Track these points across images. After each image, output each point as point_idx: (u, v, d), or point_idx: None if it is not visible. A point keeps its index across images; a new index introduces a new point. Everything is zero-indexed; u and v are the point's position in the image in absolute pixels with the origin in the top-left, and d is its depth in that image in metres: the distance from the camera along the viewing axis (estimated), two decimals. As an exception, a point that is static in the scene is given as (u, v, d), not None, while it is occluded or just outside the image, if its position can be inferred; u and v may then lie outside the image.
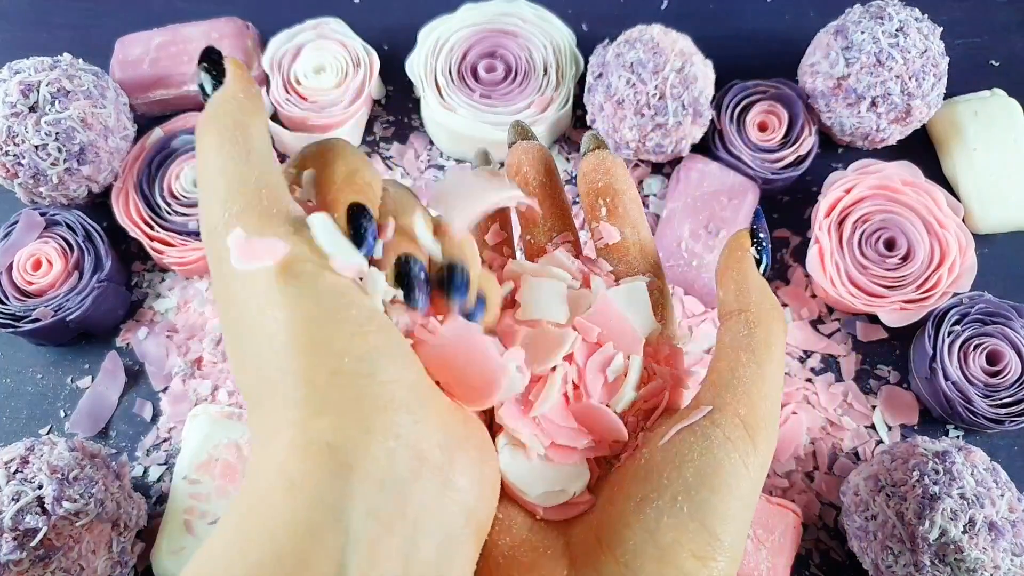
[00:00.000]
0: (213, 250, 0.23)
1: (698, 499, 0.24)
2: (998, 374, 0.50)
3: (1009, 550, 0.41)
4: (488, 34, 0.60)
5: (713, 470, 0.24)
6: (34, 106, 0.51)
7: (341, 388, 0.21)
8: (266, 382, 0.22)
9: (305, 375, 0.21)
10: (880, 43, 0.53)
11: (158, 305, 0.56)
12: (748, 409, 0.25)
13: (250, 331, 0.22)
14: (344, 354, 0.22)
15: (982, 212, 0.56)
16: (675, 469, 0.24)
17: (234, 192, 0.22)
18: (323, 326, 0.22)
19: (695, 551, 0.23)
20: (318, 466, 0.20)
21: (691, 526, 0.23)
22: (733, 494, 0.24)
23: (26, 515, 0.40)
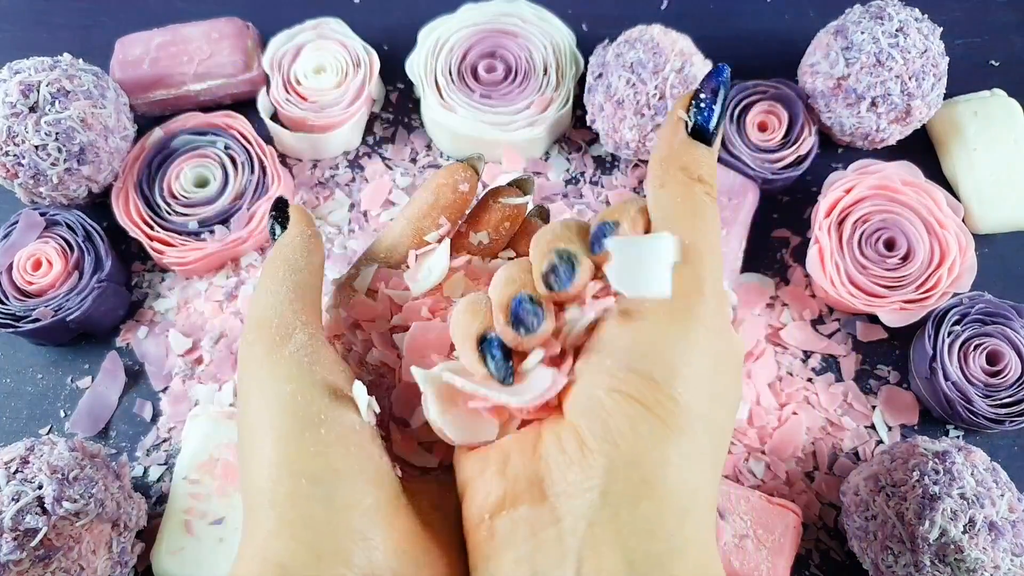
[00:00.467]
0: (241, 362, 0.26)
1: (626, 354, 0.24)
2: (998, 374, 0.50)
3: (1009, 550, 0.41)
4: (488, 34, 0.60)
5: (636, 328, 0.24)
6: (34, 106, 0.51)
7: (297, 510, 0.23)
8: (250, 487, 0.24)
9: (270, 492, 0.23)
10: (880, 43, 0.53)
11: (158, 305, 0.56)
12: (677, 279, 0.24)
13: (249, 440, 0.25)
14: (302, 475, 0.23)
15: (982, 212, 0.57)
16: (606, 337, 0.24)
17: (254, 321, 0.27)
18: (288, 444, 0.24)
19: (635, 394, 0.23)
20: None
21: (625, 375, 0.23)
22: (664, 347, 0.23)
23: (26, 515, 0.40)
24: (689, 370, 0.23)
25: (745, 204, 0.56)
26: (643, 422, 0.22)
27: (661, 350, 0.23)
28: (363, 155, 0.61)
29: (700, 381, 0.23)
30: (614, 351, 0.24)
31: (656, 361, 0.23)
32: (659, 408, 0.23)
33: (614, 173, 0.60)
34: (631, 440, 0.22)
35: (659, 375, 0.23)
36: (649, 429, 0.22)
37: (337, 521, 0.23)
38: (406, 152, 0.61)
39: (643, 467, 0.22)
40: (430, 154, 0.61)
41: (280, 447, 0.23)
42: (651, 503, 0.22)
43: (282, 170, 0.57)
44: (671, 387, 0.23)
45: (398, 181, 0.59)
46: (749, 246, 0.57)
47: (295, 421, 0.24)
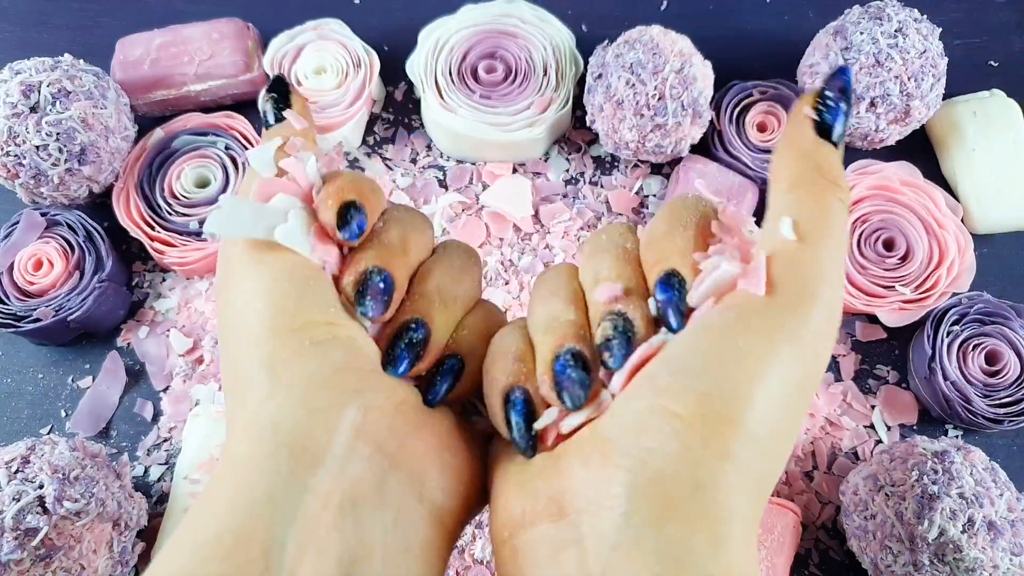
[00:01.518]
0: (222, 252, 0.25)
1: (680, 364, 0.21)
2: (997, 374, 0.50)
3: (1008, 549, 0.41)
4: (488, 35, 0.60)
5: (710, 342, 0.21)
6: (35, 106, 0.51)
7: (293, 369, 0.22)
8: (240, 373, 0.23)
9: (267, 358, 0.22)
10: (879, 44, 0.53)
11: (159, 305, 0.56)
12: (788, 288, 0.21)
13: (236, 326, 0.23)
14: (306, 337, 0.22)
15: (981, 212, 0.57)
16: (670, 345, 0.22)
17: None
18: (292, 313, 0.23)
19: (675, 408, 0.20)
20: (260, 446, 0.21)
21: (672, 386, 0.21)
22: (738, 365, 0.20)
23: (27, 515, 0.40)
24: (763, 397, 0.20)
25: (744, 204, 0.56)
26: (675, 439, 0.20)
27: (733, 366, 0.20)
28: (363, 155, 0.61)
29: (771, 410, 0.21)
30: (672, 360, 0.22)
31: (723, 378, 0.20)
32: (705, 427, 0.20)
33: (614, 173, 0.60)
34: (659, 457, 0.20)
35: (720, 393, 0.20)
36: (682, 448, 0.20)
37: (334, 377, 0.22)
38: (406, 152, 0.61)
39: (669, 486, 0.20)
40: (430, 154, 0.61)
41: (282, 315, 0.23)
42: (677, 527, 0.20)
43: (282, 170, 0.57)
44: (732, 408, 0.20)
45: (398, 181, 0.60)
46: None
47: (299, 291, 0.23)
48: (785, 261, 0.21)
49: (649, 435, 0.21)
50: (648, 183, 0.60)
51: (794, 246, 0.21)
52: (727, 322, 0.21)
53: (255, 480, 0.21)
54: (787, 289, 0.21)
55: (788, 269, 0.21)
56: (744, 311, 0.21)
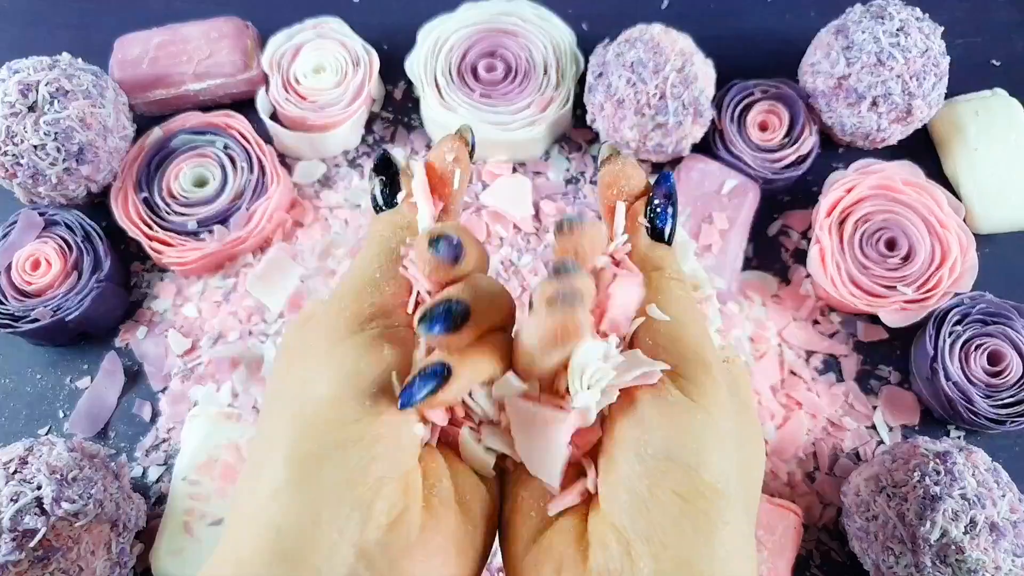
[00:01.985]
0: (327, 328, 0.25)
1: (659, 444, 0.24)
2: (999, 374, 0.50)
3: (1010, 551, 0.41)
4: (488, 34, 0.60)
5: (662, 415, 0.24)
6: (33, 106, 0.51)
7: (311, 470, 0.23)
8: (262, 447, 0.24)
9: (291, 449, 0.23)
10: (881, 43, 0.53)
11: (157, 305, 0.56)
12: (677, 359, 0.25)
13: (283, 396, 0.24)
14: (332, 440, 0.23)
15: (983, 212, 0.56)
16: (630, 424, 0.24)
17: (355, 296, 0.26)
18: (332, 407, 0.23)
19: (676, 490, 0.23)
20: (261, 548, 0.22)
21: (662, 466, 0.23)
22: (693, 435, 0.24)
23: (25, 516, 0.40)
24: (717, 455, 0.24)
25: (746, 204, 0.55)
26: (686, 519, 0.23)
27: (693, 438, 0.24)
28: (363, 154, 0.61)
29: (729, 463, 0.24)
30: (652, 436, 0.24)
31: (691, 450, 0.23)
32: (701, 501, 0.23)
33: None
34: (677, 540, 0.22)
35: (695, 463, 0.23)
36: (693, 527, 0.23)
37: (343, 489, 0.22)
38: (406, 151, 0.61)
39: (693, 567, 0.22)
40: (430, 154, 0.61)
41: (323, 407, 0.23)
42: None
43: (281, 170, 0.57)
44: (709, 475, 0.23)
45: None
46: (750, 246, 0.57)
47: (352, 384, 0.24)
48: (669, 340, 0.25)
49: (659, 519, 0.23)
50: (649, 182, 0.59)
51: (667, 324, 0.25)
52: (684, 401, 0.24)
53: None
54: (683, 361, 0.25)
55: (674, 345, 0.25)
56: (667, 397, 0.24)
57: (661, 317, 0.26)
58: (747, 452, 0.25)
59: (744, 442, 0.25)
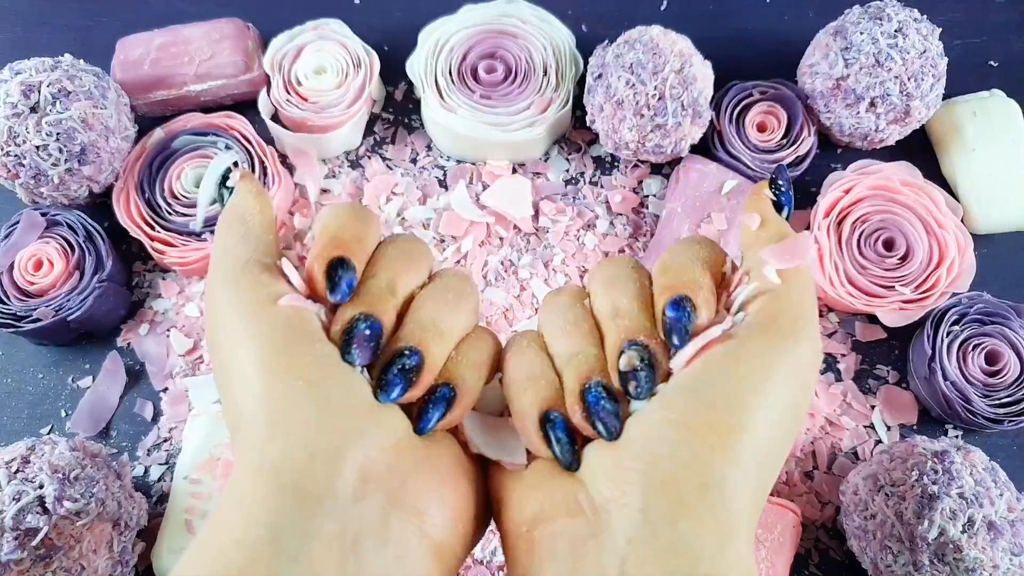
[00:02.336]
0: (208, 304, 0.26)
1: (706, 382, 0.24)
2: (997, 374, 0.50)
3: (1008, 549, 0.41)
4: (488, 35, 0.60)
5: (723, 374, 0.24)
6: (35, 106, 0.51)
7: (291, 411, 0.23)
8: (239, 411, 0.24)
9: (264, 400, 0.23)
10: (879, 44, 0.53)
11: (158, 305, 0.56)
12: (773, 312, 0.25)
13: (229, 367, 0.24)
14: (298, 378, 0.23)
15: (981, 212, 0.57)
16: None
17: (221, 262, 0.26)
18: (281, 353, 0.24)
19: (688, 420, 0.23)
20: (263, 486, 0.22)
21: (682, 401, 0.23)
22: (741, 381, 0.23)
23: (27, 515, 0.40)
24: (763, 411, 0.23)
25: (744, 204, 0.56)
26: (684, 446, 0.23)
27: (737, 384, 0.23)
28: (363, 155, 0.61)
29: (770, 424, 0.23)
30: (679, 379, 0.24)
31: (727, 393, 0.23)
32: (710, 434, 0.23)
33: (614, 173, 0.60)
34: (670, 461, 0.22)
35: (725, 405, 0.23)
36: (691, 453, 0.22)
37: (332, 419, 0.23)
38: (406, 153, 0.61)
39: (680, 487, 0.22)
40: (430, 155, 0.61)
41: (272, 355, 0.24)
42: (689, 523, 0.22)
43: (282, 171, 0.57)
44: (736, 418, 0.23)
45: (400, 182, 0.60)
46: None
47: (289, 333, 0.24)
48: (775, 301, 0.25)
49: (660, 443, 0.23)
50: (648, 183, 0.60)
51: (780, 288, 0.25)
52: (729, 349, 0.24)
53: (259, 518, 0.22)
54: (780, 323, 0.24)
55: (778, 306, 0.25)
56: (744, 340, 0.24)
57: (773, 281, 0.25)
58: (793, 418, 0.24)
59: (795, 409, 0.24)
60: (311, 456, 0.22)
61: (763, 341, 0.24)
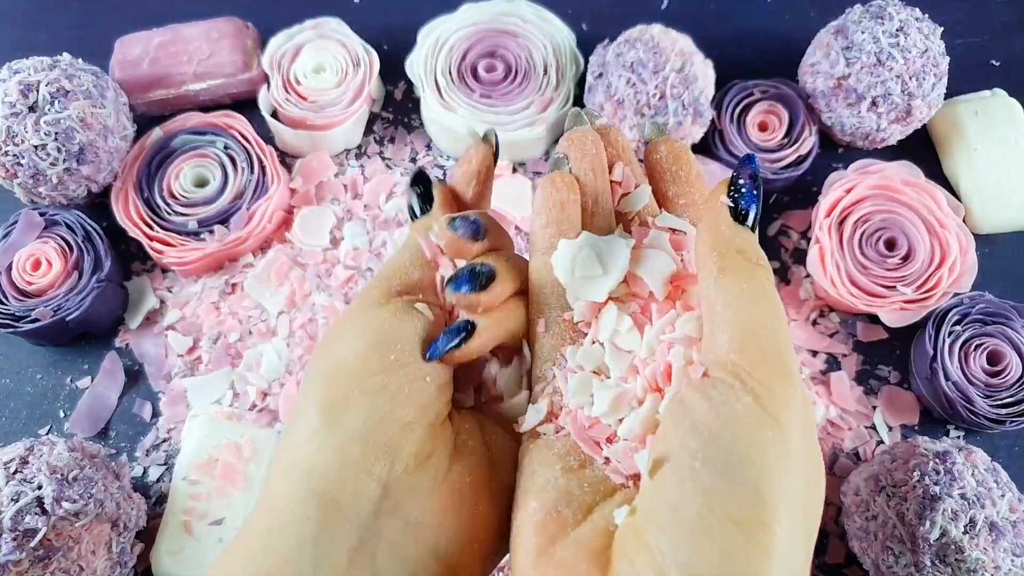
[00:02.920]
0: (359, 302, 0.27)
1: (719, 457, 0.20)
2: (999, 374, 0.50)
3: (1010, 550, 0.41)
4: (488, 34, 0.60)
5: (726, 426, 0.21)
6: (33, 106, 0.51)
7: (339, 415, 0.24)
8: (305, 394, 0.25)
9: (325, 393, 0.25)
10: (880, 43, 0.53)
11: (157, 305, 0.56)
12: (753, 360, 0.22)
13: (321, 361, 0.26)
14: (357, 386, 0.24)
15: (983, 212, 0.56)
16: (685, 431, 0.22)
17: (384, 277, 0.28)
18: (359, 358, 0.25)
19: (733, 515, 0.20)
20: (294, 490, 0.23)
21: (720, 485, 0.20)
22: (762, 451, 0.20)
23: (25, 515, 0.40)
24: (787, 478, 0.20)
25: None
26: (740, 553, 0.19)
27: (761, 455, 0.20)
28: (363, 155, 0.61)
29: (797, 488, 0.21)
30: (711, 449, 0.21)
31: (758, 469, 0.20)
32: (761, 532, 0.19)
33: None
34: (713, 569, 0.19)
35: (760, 486, 0.20)
36: (747, 562, 0.19)
37: (370, 431, 0.24)
38: (406, 152, 0.61)
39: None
40: (430, 154, 0.61)
41: (349, 359, 0.25)
42: None
43: (281, 170, 0.57)
44: (773, 501, 0.20)
45: (399, 181, 0.59)
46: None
47: (374, 341, 0.25)
48: (748, 337, 0.22)
49: (707, 548, 0.20)
50: (649, 183, 0.59)
51: (747, 319, 0.22)
52: (746, 406, 0.21)
53: (286, 524, 0.23)
54: (759, 362, 0.22)
55: (753, 343, 0.22)
56: (734, 404, 0.21)
57: (715, 297, 0.23)
58: (812, 479, 0.22)
59: (812, 467, 0.22)
60: (343, 464, 0.23)
61: (757, 401, 0.21)
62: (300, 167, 0.59)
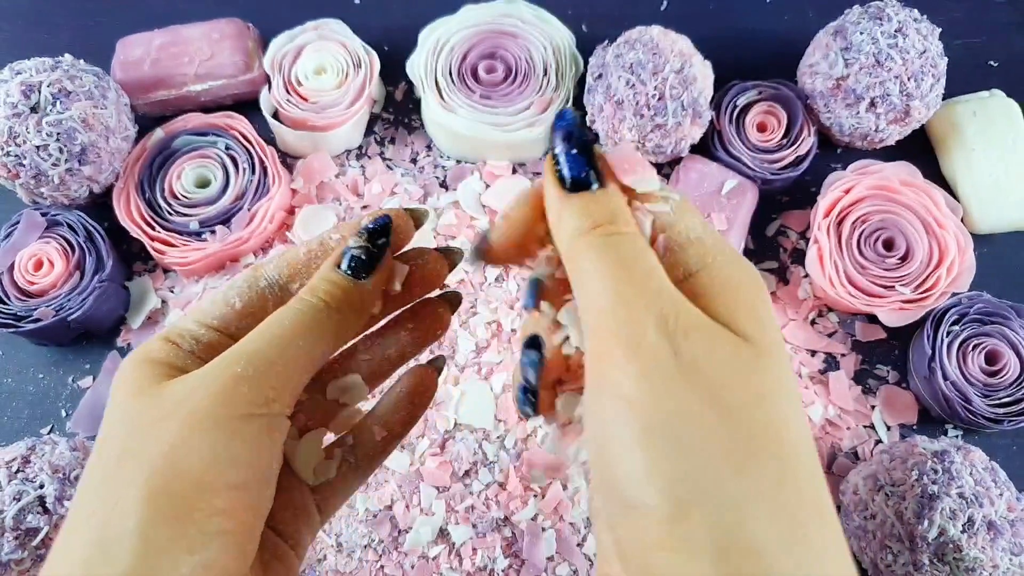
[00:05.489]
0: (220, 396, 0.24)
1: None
2: (997, 374, 0.50)
3: (1008, 549, 0.41)
4: (488, 35, 0.60)
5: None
6: (35, 107, 0.51)
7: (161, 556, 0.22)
8: (101, 480, 0.24)
9: (145, 526, 0.22)
10: (879, 44, 0.53)
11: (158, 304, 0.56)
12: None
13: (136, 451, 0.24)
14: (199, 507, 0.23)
15: (981, 212, 0.57)
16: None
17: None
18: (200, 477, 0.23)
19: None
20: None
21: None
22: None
23: (28, 515, 0.40)
24: (793, 409, 0.21)
25: (744, 204, 0.56)
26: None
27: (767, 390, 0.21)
28: (364, 155, 0.61)
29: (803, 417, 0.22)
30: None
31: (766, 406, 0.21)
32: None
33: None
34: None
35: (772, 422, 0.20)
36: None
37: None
38: (406, 152, 0.61)
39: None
40: (430, 155, 0.61)
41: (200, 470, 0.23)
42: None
43: (283, 170, 0.57)
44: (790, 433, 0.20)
45: (400, 181, 0.60)
46: (748, 246, 0.57)
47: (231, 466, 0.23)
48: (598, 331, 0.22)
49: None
50: (648, 183, 0.60)
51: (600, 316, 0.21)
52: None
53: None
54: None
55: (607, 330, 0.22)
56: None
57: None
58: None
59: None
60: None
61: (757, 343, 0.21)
62: (301, 168, 0.59)
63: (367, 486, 0.50)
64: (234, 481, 0.22)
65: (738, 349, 0.21)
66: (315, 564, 0.48)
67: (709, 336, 0.21)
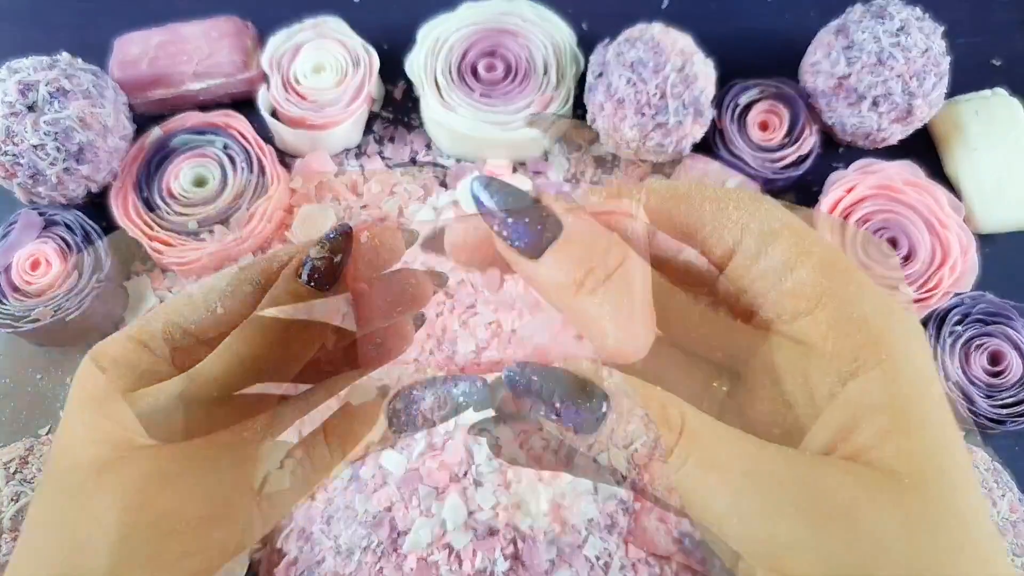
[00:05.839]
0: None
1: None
2: (1000, 374, 0.50)
3: (1010, 550, 0.41)
4: (488, 33, 0.60)
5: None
6: (32, 106, 0.51)
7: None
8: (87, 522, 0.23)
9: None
10: (881, 42, 0.53)
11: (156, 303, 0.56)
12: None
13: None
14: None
15: (984, 212, 0.56)
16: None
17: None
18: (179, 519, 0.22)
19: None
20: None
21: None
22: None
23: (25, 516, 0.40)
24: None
25: (746, 204, 0.55)
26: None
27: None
28: (363, 154, 0.61)
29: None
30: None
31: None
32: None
33: (615, 172, 0.60)
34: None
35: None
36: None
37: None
38: (406, 152, 0.61)
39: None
40: (430, 154, 0.61)
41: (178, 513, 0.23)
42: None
43: (281, 170, 0.57)
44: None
45: (399, 181, 0.59)
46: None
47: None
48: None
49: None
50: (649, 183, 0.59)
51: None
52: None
53: None
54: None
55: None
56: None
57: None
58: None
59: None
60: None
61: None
62: (300, 167, 0.59)
63: (366, 486, 0.50)
64: (208, 517, 0.22)
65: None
66: (314, 567, 0.48)
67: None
